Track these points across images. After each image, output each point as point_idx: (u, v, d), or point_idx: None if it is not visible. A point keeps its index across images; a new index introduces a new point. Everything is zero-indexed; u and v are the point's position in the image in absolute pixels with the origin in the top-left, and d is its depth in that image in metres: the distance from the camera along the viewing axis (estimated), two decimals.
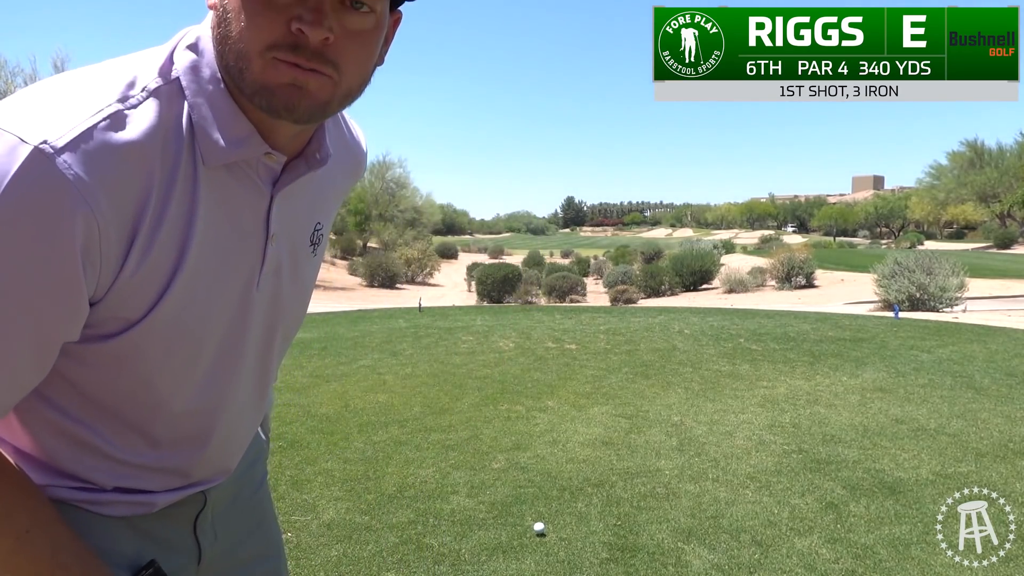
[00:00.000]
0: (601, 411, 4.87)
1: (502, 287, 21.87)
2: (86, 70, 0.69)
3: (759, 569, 2.62)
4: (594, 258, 42.11)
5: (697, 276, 27.32)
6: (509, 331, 8.73)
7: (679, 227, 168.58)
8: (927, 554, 2.74)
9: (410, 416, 4.71)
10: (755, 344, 7.64)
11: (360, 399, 5.12)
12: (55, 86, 0.66)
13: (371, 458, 3.88)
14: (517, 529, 2.96)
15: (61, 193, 0.59)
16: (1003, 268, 27.43)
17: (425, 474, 3.64)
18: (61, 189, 0.59)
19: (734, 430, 4.39)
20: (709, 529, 2.96)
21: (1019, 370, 6.14)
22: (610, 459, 3.85)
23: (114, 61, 0.72)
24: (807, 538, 2.87)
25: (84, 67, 0.71)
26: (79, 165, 0.60)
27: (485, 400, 5.19)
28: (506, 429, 4.43)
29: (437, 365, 6.55)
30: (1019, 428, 4.39)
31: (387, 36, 0.76)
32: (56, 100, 0.64)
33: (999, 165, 60.69)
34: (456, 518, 3.10)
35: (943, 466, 3.70)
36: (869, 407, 4.93)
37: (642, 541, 2.85)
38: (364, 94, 0.75)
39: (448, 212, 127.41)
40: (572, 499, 3.29)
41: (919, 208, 72.84)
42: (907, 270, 13.88)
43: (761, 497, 3.30)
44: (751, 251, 50.51)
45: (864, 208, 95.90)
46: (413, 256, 34.76)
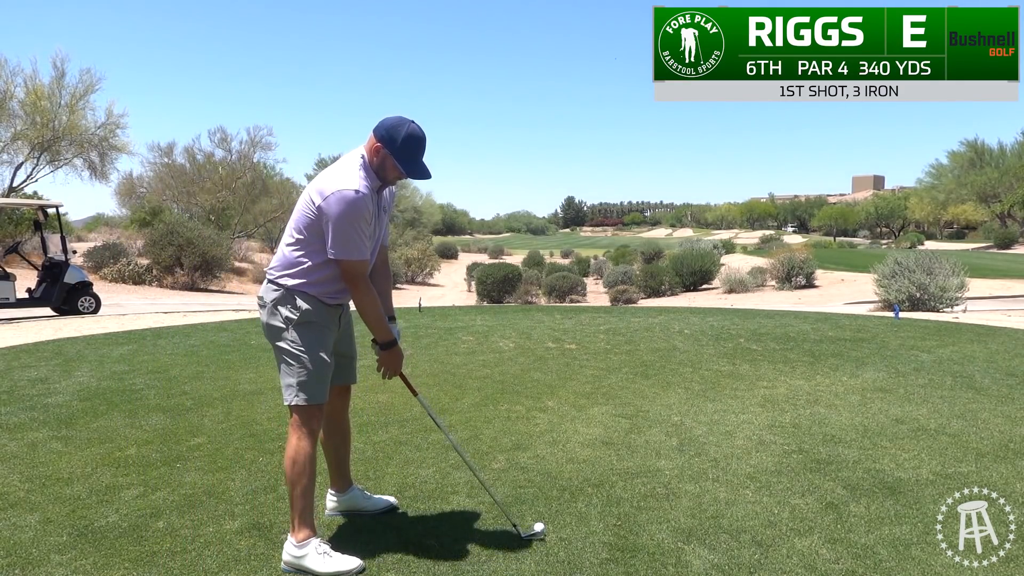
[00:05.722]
0: (601, 411, 4.87)
1: (502, 287, 21.86)
2: (342, 163, 2.71)
3: (759, 569, 2.62)
4: (594, 258, 42.12)
5: (697, 276, 27.31)
6: (509, 331, 8.74)
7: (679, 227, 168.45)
8: (927, 554, 2.74)
9: (410, 416, 4.71)
10: (755, 344, 7.63)
11: (360, 399, 5.12)
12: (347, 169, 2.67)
13: (371, 458, 3.88)
14: (517, 529, 2.96)
15: (366, 197, 2.62)
16: (1003, 268, 27.43)
17: (425, 474, 3.64)
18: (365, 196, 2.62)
19: (734, 430, 4.39)
20: (709, 529, 2.96)
21: (1019, 370, 6.13)
22: (610, 459, 3.85)
23: (350, 156, 2.73)
24: (807, 538, 2.87)
25: (340, 161, 2.73)
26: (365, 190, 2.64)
27: (485, 400, 5.19)
28: (506, 429, 4.43)
29: (437, 365, 6.55)
30: (1019, 428, 4.38)
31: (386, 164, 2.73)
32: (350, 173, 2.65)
33: (999, 165, 60.66)
34: (456, 518, 3.10)
35: (943, 466, 3.70)
36: (869, 407, 4.93)
37: (642, 541, 2.85)
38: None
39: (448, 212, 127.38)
40: (572, 499, 3.29)
41: (919, 208, 72.81)
42: (907, 270, 13.88)
43: (761, 497, 3.30)
44: (751, 251, 50.49)
45: (864, 208, 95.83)
46: (413, 256, 34.76)
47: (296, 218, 2.70)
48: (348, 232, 2.59)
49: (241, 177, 35.33)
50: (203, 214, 33.78)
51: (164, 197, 36.16)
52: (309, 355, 2.69)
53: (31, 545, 2.83)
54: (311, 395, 2.70)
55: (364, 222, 2.63)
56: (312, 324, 2.71)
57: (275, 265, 2.75)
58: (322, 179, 2.65)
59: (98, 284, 17.85)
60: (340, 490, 3.15)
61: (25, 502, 3.27)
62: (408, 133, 2.65)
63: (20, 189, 29.00)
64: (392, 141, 2.64)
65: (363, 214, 2.61)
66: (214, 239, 23.83)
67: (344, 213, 2.56)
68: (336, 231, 2.59)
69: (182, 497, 3.32)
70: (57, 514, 3.13)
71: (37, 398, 5.25)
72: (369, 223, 2.66)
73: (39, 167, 29.21)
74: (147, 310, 13.91)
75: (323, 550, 2.65)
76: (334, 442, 3.09)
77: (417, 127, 2.69)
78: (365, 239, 2.66)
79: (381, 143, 2.65)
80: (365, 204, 2.60)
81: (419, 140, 2.69)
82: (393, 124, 2.66)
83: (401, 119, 2.68)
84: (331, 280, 2.71)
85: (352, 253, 2.62)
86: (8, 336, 8.85)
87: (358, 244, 2.63)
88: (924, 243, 58.81)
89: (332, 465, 3.13)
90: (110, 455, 3.94)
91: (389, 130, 2.65)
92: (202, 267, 22.95)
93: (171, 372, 6.23)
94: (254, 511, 3.16)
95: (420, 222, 68.92)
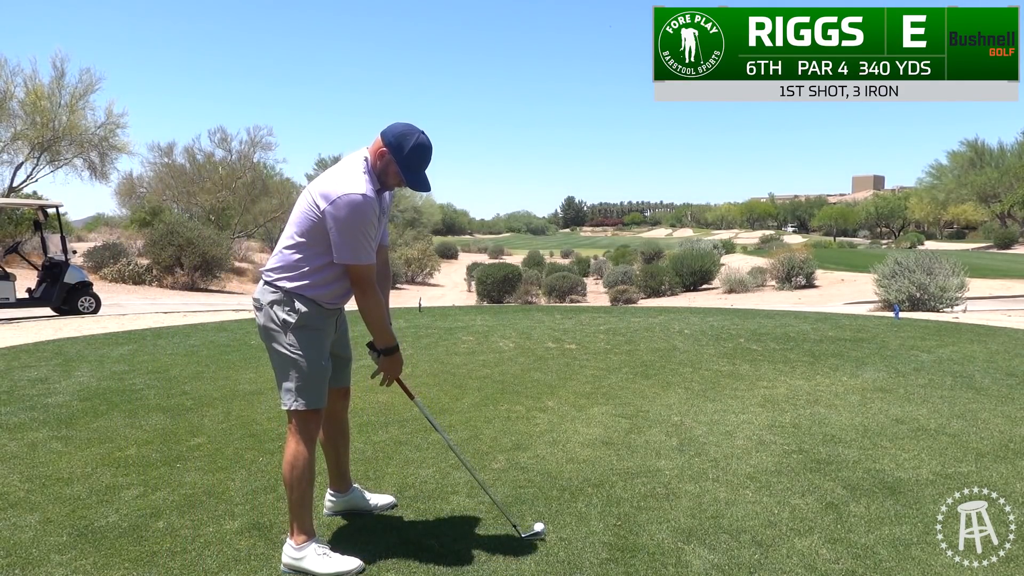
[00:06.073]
0: (601, 411, 4.87)
1: (502, 287, 21.85)
2: (346, 165, 2.68)
3: (759, 569, 2.62)
4: (594, 258, 42.10)
5: (697, 276, 27.30)
6: (509, 331, 8.73)
7: (679, 227, 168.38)
8: (927, 554, 2.74)
9: (410, 416, 4.71)
10: (755, 344, 7.63)
11: (360, 399, 5.11)
12: (349, 171, 2.65)
13: (371, 458, 3.88)
14: (517, 530, 2.96)
15: (372, 200, 2.61)
16: (1003, 268, 27.42)
17: (425, 474, 3.64)
18: (371, 200, 2.61)
19: (734, 430, 4.39)
20: (709, 529, 2.96)
21: (1019, 370, 6.13)
22: (610, 459, 3.85)
23: (353, 158, 2.70)
24: (807, 538, 2.87)
25: (343, 163, 2.70)
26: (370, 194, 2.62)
27: (485, 400, 5.19)
28: (506, 429, 4.43)
29: (437, 365, 6.55)
30: (1019, 428, 4.38)
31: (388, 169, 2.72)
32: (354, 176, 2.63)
33: (999, 165, 60.62)
34: (456, 518, 3.10)
35: (943, 466, 3.70)
36: (869, 407, 4.93)
37: (642, 541, 2.85)
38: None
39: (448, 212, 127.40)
40: (572, 499, 3.29)
41: (919, 208, 72.77)
42: (907, 270, 13.87)
43: (761, 497, 3.30)
44: (751, 251, 50.49)
45: (864, 208, 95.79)
46: (413, 256, 34.75)
47: (297, 220, 2.66)
48: (357, 237, 2.57)
49: (241, 177, 35.30)
50: (203, 214, 33.76)
51: (164, 197, 36.14)
52: (307, 359, 2.66)
53: (31, 545, 2.83)
54: (309, 400, 2.68)
55: (371, 226, 2.61)
56: (310, 328, 2.68)
57: (272, 267, 2.71)
58: (326, 181, 2.62)
59: (98, 284, 17.85)
60: (340, 490, 3.15)
61: (25, 502, 3.27)
62: (417, 143, 2.64)
63: (20, 189, 29.00)
64: (399, 149, 2.63)
65: (370, 218, 2.59)
66: (214, 239, 23.82)
67: (352, 217, 2.54)
68: (344, 236, 2.56)
69: (182, 497, 3.32)
70: (57, 514, 3.13)
71: (37, 398, 5.25)
72: (374, 226, 2.65)
73: (39, 167, 29.22)
74: (147, 310, 13.91)
75: (322, 551, 2.65)
76: (334, 443, 3.09)
77: (426, 138, 2.67)
78: (370, 243, 2.64)
79: (388, 148, 2.64)
80: (371, 208, 2.59)
81: (426, 151, 2.67)
82: (402, 131, 2.64)
83: (411, 127, 2.67)
84: (330, 283, 2.69)
85: (361, 258, 2.61)
86: (8, 336, 8.85)
87: (366, 248, 2.62)
88: (924, 243, 58.82)
89: (332, 465, 3.13)
90: (110, 455, 3.94)
91: (398, 137, 2.63)
92: (202, 267, 22.94)
93: (171, 372, 6.23)
94: (254, 511, 3.16)
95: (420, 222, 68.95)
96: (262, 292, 2.72)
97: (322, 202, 2.56)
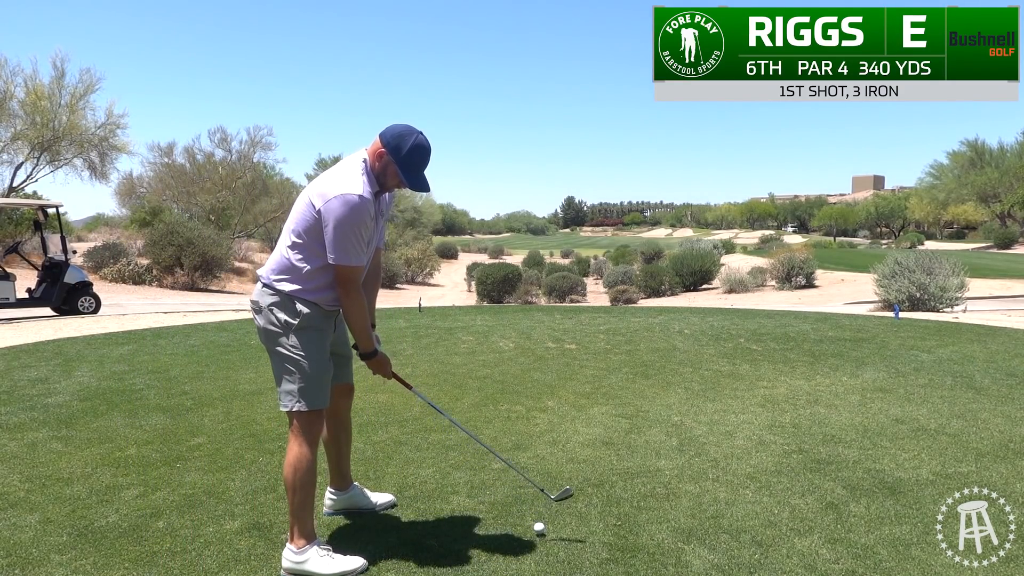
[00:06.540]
0: (601, 411, 4.87)
1: (502, 287, 21.85)
2: (344, 166, 2.67)
3: (759, 569, 2.62)
4: (594, 258, 42.10)
5: (697, 276, 27.30)
6: (509, 331, 8.73)
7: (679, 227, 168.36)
8: (927, 554, 2.74)
9: (410, 416, 4.71)
10: (755, 344, 7.63)
11: (360, 399, 5.11)
12: (348, 173, 2.64)
13: (371, 458, 3.88)
14: (517, 529, 2.96)
15: (368, 202, 2.60)
16: (1003, 268, 27.42)
17: (425, 474, 3.64)
18: (367, 201, 2.60)
19: (734, 430, 4.39)
20: (709, 529, 2.96)
21: (1019, 370, 6.13)
22: (610, 459, 3.85)
23: (351, 159, 2.70)
24: (807, 538, 2.87)
25: (342, 164, 2.70)
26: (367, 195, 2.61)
27: (485, 400, 5.19)
28: (506, 429, 4.43)
29: (437, 365, 6.55)
30: (1019, 428, 4.38)
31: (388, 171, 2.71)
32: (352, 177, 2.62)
33: (999, 165, 60.59)
34: (456, 518, 3.10)
35: (943, 466, 3.70)
36: (869, 407, 4.93)
37: (642, 541, 2.85)
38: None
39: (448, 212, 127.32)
40: (572, 499, 3.28)
41: (919, 208, 72.77)
42: (907, 270, 13.87)
43: (761, 497, 3.30)
44: (751, 251, 50.51)
45: (864, 208, 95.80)
46: (413, 256, 34.74)
47: (295, 221, 2.65)
48: (348, 236, 2.56)
49: (241, 177, 35.29)
50: (203, 214, 33.76)
51: (164, 197, 36.13)
52: (309, 360, 2.66)
53: (31, 545, 2.83)
54: (311, 401, 2.67)
55: (364, 227, 2.61)
56: (311, 329, 2.68)
57: (271, 268, 2.70)
58: (323, 182, 2.62)
59: (98, 284, 17.85)
60: (340, 489, 3.14)
61: (25, 502, 3.27)
62: (415, 144, 2.63)
63: (20, 189, 29.00)
64: (398, 149, 2.62)
65: (364, 219, 2.59)
66: (214, 239, 23.81)
67: (346, 217, 2.54)
68: (336, 235, 2.55)
69: (182, 497, 3.32)
70: (57, 514, 3.13)
71: (37, 398, 5.25)
72: (369, 228, 2.65)
73: (39, 167, 29.21)
74: (147, 310, 13.91)
75: (324, 552, 2.64)
76: (337, 441, 3.09)
77: (424, 139, 2.66)
78: (363, 245, 2.64)
79: (386, 149, 2.63)
80: (367, 209, 2.58)
81: (425, 152, 2.66)
82: (401, 132, 2.64)
83: (409, 128, 2.66)
84: (330, 286, 2.68)
85: (350, 258, 2.60)
86: (8, 336, 8.85)
87: (356, 249, 2.60)
88: (924, 243, 58.82)
89: (333, 464, 3.13)
90: (110, 455, 3.94)
91: (396, 138, 2.63)
92: (202, 267, 22.94)
93: (171, 372, 6.23)
94: (254, 511, 3.16)
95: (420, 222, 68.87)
96: (260, 294, 2.70)
97: (319, 201, 2.56)
